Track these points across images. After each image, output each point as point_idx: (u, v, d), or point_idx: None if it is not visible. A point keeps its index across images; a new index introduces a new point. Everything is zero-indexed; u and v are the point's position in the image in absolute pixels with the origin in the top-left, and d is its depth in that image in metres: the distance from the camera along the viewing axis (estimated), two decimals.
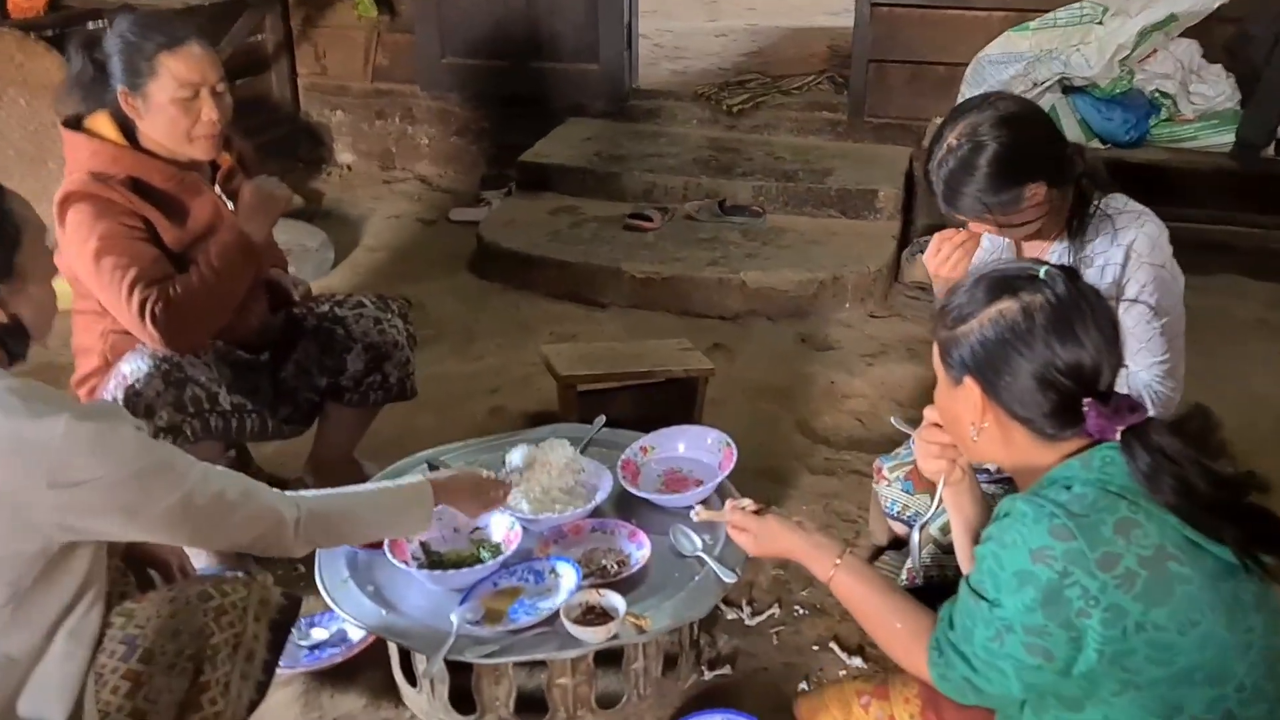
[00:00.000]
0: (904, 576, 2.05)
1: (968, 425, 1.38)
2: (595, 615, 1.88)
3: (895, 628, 1.43)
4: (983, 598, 1.27)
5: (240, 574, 2.40)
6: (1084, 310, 1.31)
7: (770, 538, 1.63)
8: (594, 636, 1.82)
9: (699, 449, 2.38)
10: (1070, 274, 1.34)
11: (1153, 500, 1.24)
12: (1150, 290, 1.95)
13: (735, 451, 2.29)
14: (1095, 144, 4.03)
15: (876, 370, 3.49)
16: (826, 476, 2.90)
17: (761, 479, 2.85)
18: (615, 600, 1.88)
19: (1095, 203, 2.00)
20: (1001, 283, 1.34)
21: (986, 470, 2.03)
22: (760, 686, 2.15)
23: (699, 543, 2.08)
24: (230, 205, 2.35)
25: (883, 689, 1.51)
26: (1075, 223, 2.01)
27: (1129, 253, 1.98)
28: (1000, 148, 1.89)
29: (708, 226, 4.23)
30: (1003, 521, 1.28)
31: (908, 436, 2.24)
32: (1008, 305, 1.32)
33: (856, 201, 4.26)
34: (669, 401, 3.11)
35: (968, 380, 1.35)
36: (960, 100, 4.20)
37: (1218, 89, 4.05)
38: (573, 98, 5.07)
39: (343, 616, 1.96)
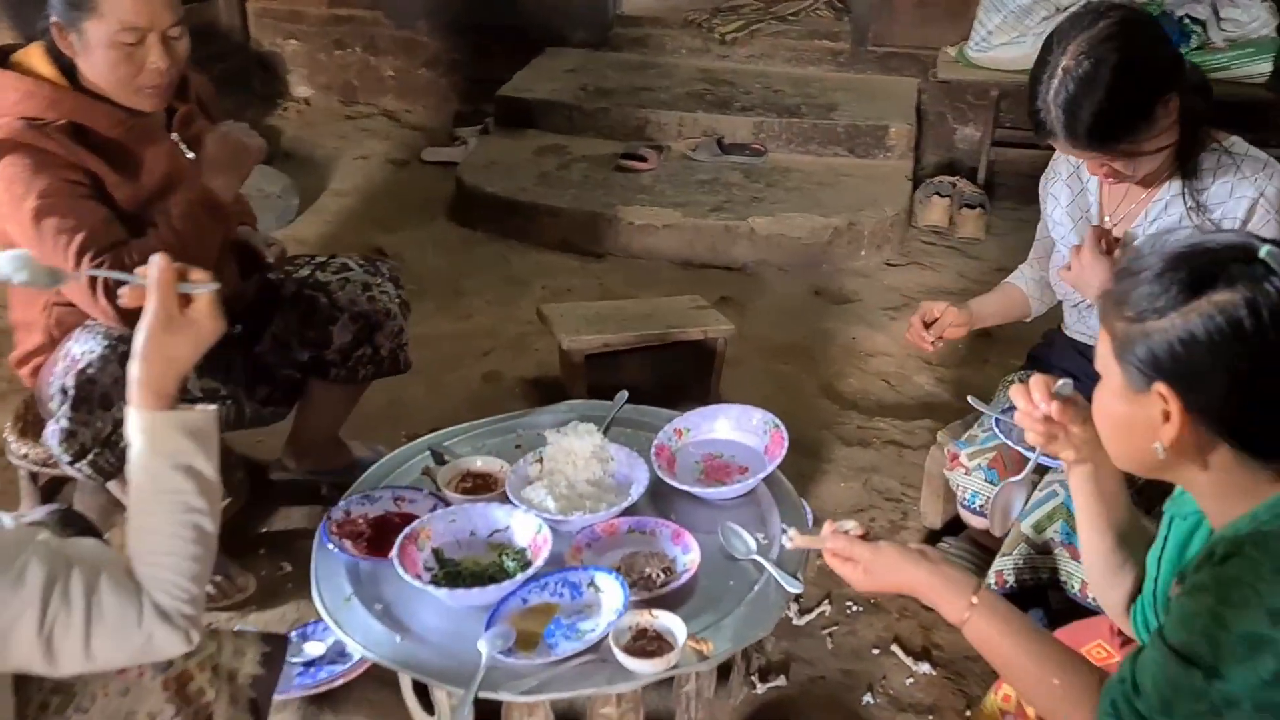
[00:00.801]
0: (991, 579, 1.81)
1: (1147, 438, 1.11)
2: (649, 640, 1.61)
3: (1052, 684, 1.18)
4: (1193, 664, 1.02)
5: (219, 577, 2.14)
6: None
7: (886, 570, 1.34)
8: (651, 669, 1.55)
9: (743, 430, 2.09)
10: None
11: None
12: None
13: (785, 435, 2.01)
14: None
15: (900, 325, 3.22)
16: (861, 448, 2.65)
17: (791, 452, 2.55)
18: (672, 624, 1.61)
19: (1210, 137, 1.74)
20: (1209, 267, 1.06)
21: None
22: (819, 699, 1.92)
23: (753, 543, 1.82)
24: (190, 155, 2.01)
25: None
26: (1188, 159, 1.74)
27: (1255, 205, 1.73)
28: (1125, 59, 1.63)
29: (707, 166, 3.92)
30: (1222, 569, 1.02)
31: (985, 416, 2.00)
32: (1225, 298, 1.03)
33: (866, 139, 3.97)
34: (684, 365, 2.84)
35: (1159, 388, 1.08)
36: (977, 25, 3.92)
37: (1252, 15, 3.78)
38: (551, 26, 4.69)
39: (350, 646, 1.67)
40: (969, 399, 1.94)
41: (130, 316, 1.81)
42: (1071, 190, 1.99)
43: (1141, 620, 1.33)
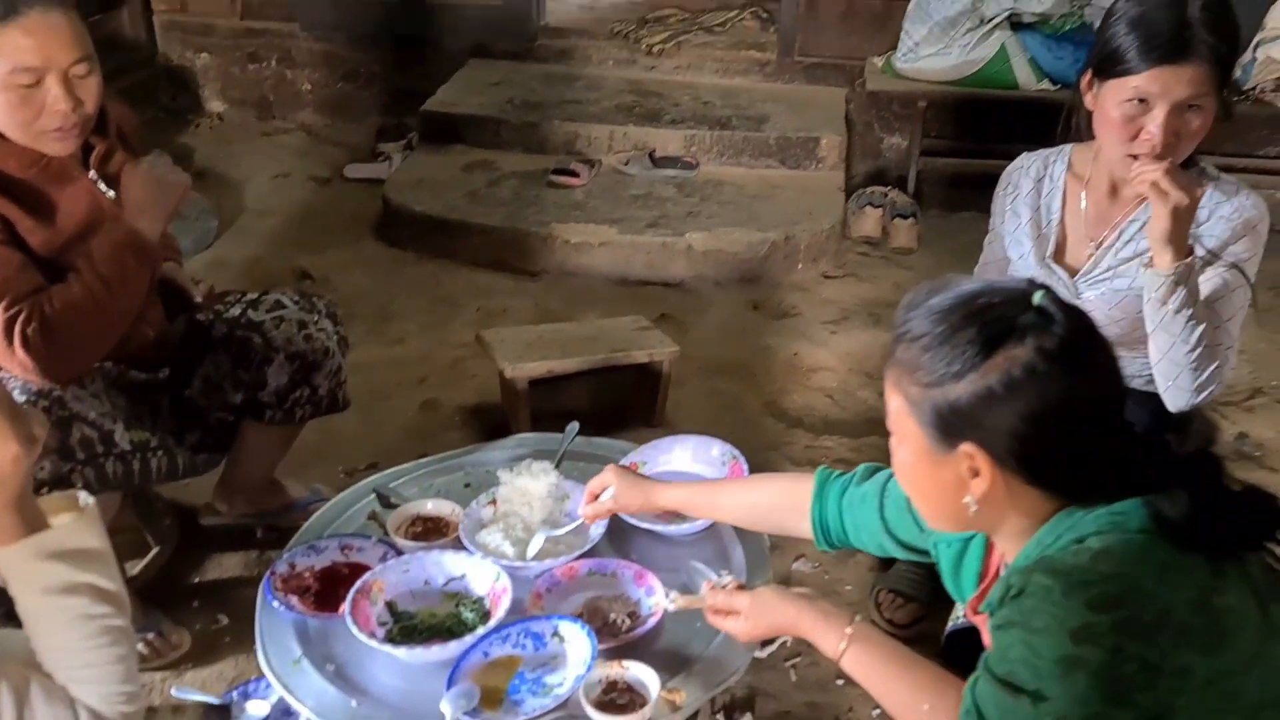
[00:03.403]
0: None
1: (959, 495, 1.14)
2: (620, 692, 1.56)
3: (922, 710, 1.21)
4: (1021, 691, 1.05)
5: (150, 634, 2.03)
6: (1093, 336, 1.10)
7: (764, 612, 1.41)
8: None
9: (701, 462, 2.05)
10: (1055, 297, 1.10)
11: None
12: (1251, 264, 1.73)
13: (745, 467, 1.98)
14: (1045, 85, 3.81)
15: (840, 339, 3.23)
16: (811, 469, 2.62)
17: None
18: (644, 675, 1.56)
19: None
20: (998, 325, 1.08)
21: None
22: None
23: (720, 581, 1.77)
24: (111, 194, 1.90)
25: None
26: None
27: (1236, 227, 1.73)
28: None
29: (639, 180, 3.88)
30: (1021, 602, 1.06)
31: None
32: (1019, 353, 1.06)
33: (797, 151, 3.97)
34: (628, 388, 2.79)
35: (966, 448, 1.11)
36: (904, 36, 3.94)
37: None
38: (474, 37, 4.60)
39: (302, 712, 1.59)
40: None
41: (54, 367, 1.72)
42: (1031, 208, 1.96)
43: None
